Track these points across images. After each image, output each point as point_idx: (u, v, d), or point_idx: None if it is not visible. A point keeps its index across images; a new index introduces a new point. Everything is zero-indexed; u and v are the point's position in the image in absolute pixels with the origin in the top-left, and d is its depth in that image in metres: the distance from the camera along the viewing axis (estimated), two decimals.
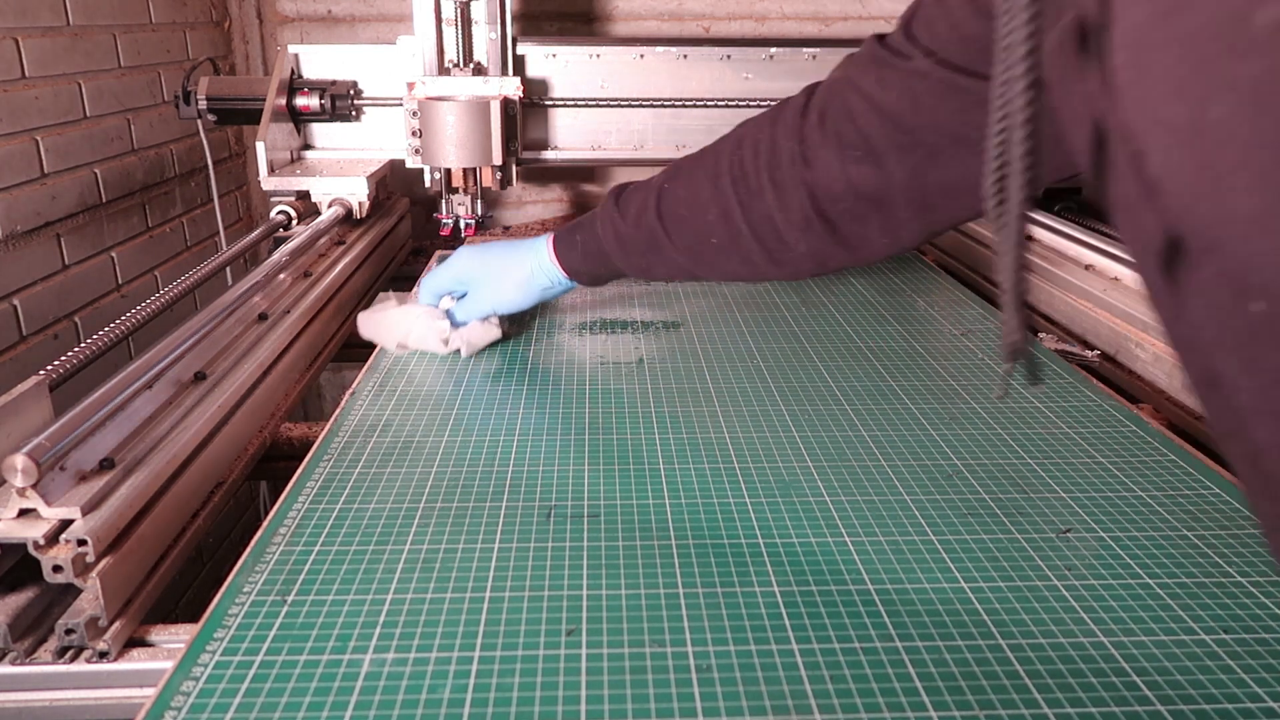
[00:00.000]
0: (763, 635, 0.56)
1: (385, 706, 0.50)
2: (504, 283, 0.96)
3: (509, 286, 0.96)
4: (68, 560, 0.58)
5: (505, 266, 0.96)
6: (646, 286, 1.29)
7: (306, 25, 1.85)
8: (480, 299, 0.98)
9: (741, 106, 1.62)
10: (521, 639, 0.56)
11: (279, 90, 1.49)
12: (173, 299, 0.94)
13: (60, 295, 1.30)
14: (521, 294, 0.96)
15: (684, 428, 0.84)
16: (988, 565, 0.63)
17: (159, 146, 1.57)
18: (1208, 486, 0.74)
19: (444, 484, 0.74)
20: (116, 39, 1.45)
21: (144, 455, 0.70)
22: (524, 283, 0.95)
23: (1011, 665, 0.54)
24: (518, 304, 0.98)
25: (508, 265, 0.96)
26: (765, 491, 0.73)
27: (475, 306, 0.99)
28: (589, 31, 1.85)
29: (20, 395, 0.65)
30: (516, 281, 0.96)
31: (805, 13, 1.87)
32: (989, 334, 1.09)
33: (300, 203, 1.38)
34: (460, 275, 0.99)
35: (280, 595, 0.60)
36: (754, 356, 1.02)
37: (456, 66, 1.51)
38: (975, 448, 0.81)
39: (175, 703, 0.50)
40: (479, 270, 0.97)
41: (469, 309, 0.99)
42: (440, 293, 1.01)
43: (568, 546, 0.65)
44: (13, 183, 1.21)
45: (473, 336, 0.99)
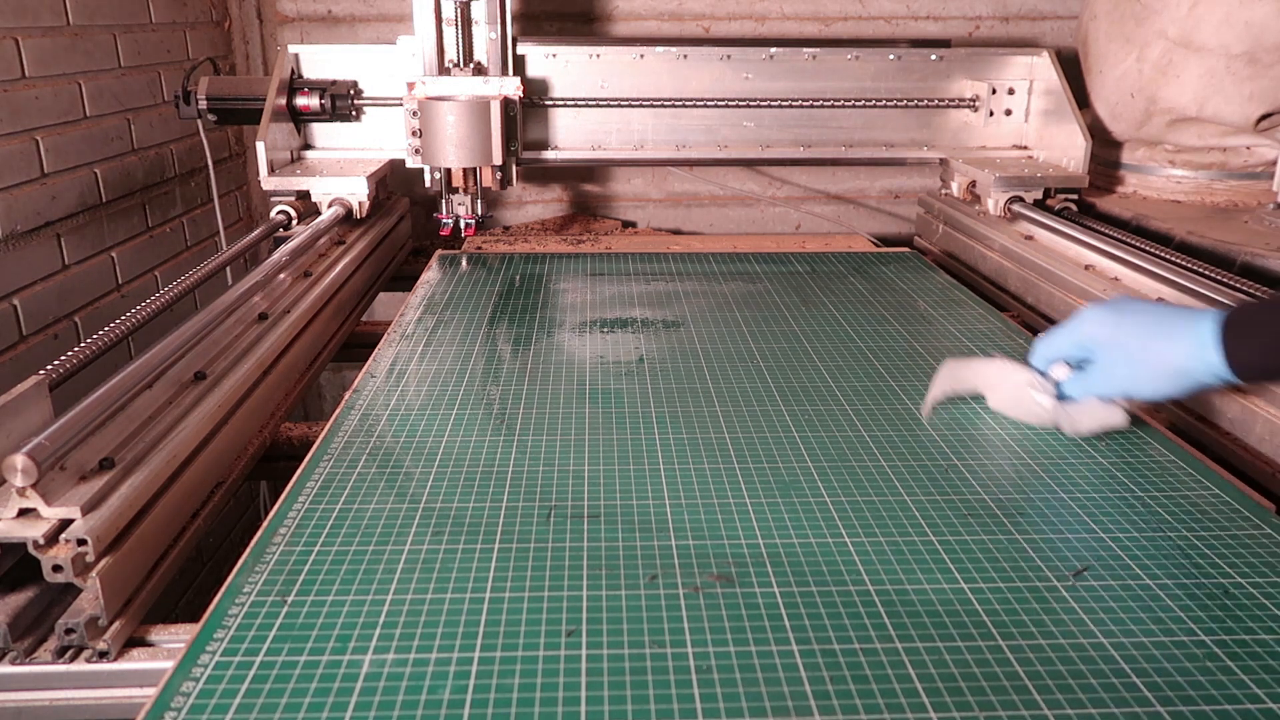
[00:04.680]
0: (763, 635, 0.56)
1: (385, 707, 0.50)
2: (1147, 366, 0.76)
3: (1152, 372, 0.76)
4: (68, 560, 0.58)
5: (1152, 344, 0.76)
6: (646, 286, 1.29)
7: (306, 25, 1.85)
8: (1109, 378, 0.80)
9: (741, 106, 1.62)
10: (521, 640, 0.56)
11: (279, 90, 1.49)
12: (173, 299, 0.94)
13: (60, 295, 1.30)
14: (1169, 384, 0.76)
15: (684, 428, 0.84)
16: (988, 565, 0.63)
17: (159, 146, 1.57)
18: (1208, 487, 0.74)
19: (444, 484, 0.74)
20: (116, 39, 1.45)
21: (144, 455, 0.70)
22: (1175, 372, 0.75)
23: (1011, 665, 0.54)
24: (1160, 394, 0.78)
25: (1156, 343, 0.76)
26: (765, 491, 0.73)
27: (1099, 384, 0.81)
28: (589, 31, 1.85)
29: (20, 395, 0.65)
30: (1164, 368, 0.75)
31: (805, 13, 1.87)
32: (990, 335, 1.09)
33: (300, 203, 1.38)
34: (1088, 342, 0.81)
35: (280, 595, 0.60)
36: (754, 356, 1.02)
37: (456, 66, 1.51)
38: (975, 448, 0.81)
39: (175, 703, 0.50)
40: (1114, 341, 0.78)
41: (1091, 385, 0.81)
42: (1056, 357, 0.84)
43: (568, 547, 0.65)
44: (13, 183, 1.21)
45: (1086, 420, 0.82)
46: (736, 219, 2.01)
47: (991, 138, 1.67)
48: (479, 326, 1.12)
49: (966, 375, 0.89)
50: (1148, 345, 0.76)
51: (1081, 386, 0.82)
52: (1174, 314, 0.77)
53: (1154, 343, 0.76)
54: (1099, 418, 0.81)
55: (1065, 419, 0.82)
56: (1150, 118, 1.50)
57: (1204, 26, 1.39)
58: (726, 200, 1.99)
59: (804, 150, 1.67)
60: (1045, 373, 0.84)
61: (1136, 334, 0.77)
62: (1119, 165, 1.61)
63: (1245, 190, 1.49)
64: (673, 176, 1.95)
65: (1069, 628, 0.57)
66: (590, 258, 1.45)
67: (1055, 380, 0.83)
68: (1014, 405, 0.85)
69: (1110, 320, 0.79)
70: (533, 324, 1.13)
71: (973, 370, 0.89)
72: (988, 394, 0.88)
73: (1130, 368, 0.77)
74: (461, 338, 1.08)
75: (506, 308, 1.20)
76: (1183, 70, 1.43)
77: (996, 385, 0.87)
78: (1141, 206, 1.49)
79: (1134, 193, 1.59)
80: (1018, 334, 1.09)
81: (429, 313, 1.16)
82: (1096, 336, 0.80)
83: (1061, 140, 1.54)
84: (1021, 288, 1.31)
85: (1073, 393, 0.82)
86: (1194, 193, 1.52)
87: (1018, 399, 0.84)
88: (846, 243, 1.61)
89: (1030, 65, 1.64)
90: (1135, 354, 0.77)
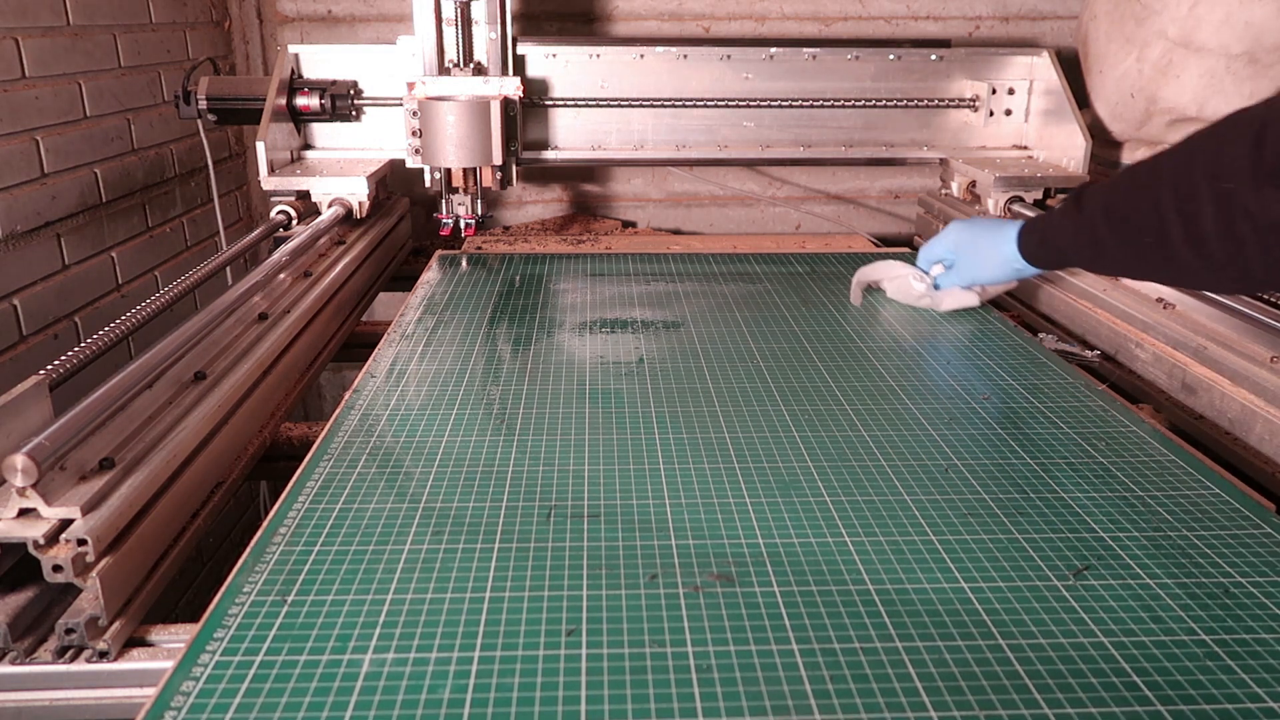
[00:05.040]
0: (763, 635, 0.56)
1: (385, 706, 0.50)
2: (985, 260, 1.07)
3: (989, 264, 1.07)
4: (68, 560, 0.58)
5: (987, 245, 1.06)
6: (646, 286, 1.29)
7: (306, 25, 1.85)
8: (963, 270, 1.12)
9: (741, 106, 1.62)
10: (521, 639, 0.56)
11: (279, 90, 1.49)
12: (173, 299, 0.94)
13: (60, 295, 1.30)
14: (1000, 271, 1.06)
15: (684, 428, 0.84)
16: (988, 565, 0.63)
17: (159, 146, 1.57)
18: (1208, 486, 0.74)
19: (444, 484, 0.74)
20: (116, 39, 1.45)
21: (144, 455, 0.70)
22: (1003, 262, 1.04)
23: (1011, 665, 0.54)
24: (995, 279, 1.10)
25: (990, 245, 1.05)
26: (765, 491, 0.73)
27: (958, 276, 1.13)
28: (589, 31, 1.85)
29: (20, 395, 0.65)
30: (995, 261, 1.05)
31: (805, 13, 1.87)
32: (990, 335, 1.09)
33: (300, 202, 1.38)
34: (951, 246, 1.13)
35: (280, 595, 0.60)
36: (754, 356, 1.02)
37: (456, 66, 1.51)
38: (975, 448, 0.81)
39: (175, 703, 0.50)
40: (968, 245, 1.10)
41: (953, 277, 1.14)
42: (934, 259, 1.17)
43: (568, 547, 0.65)
44: (13, 183, 1.21)
45: (948, 300, 1.15)
46: (736, 219, 2.01)
47: (991, 138, 1.67)
48: (479, 326, 1.12)
49: (873, 272, 1.22)
50: (985, 246, 1.07)
51: (948, 278, 1.15)
52: (1003, 224, 1.05)
53: (989, 244, 1.06)
54: (958, 299, 1.16)
55: (932, 300, 1.16)
56: (1150, 118, 1.50)
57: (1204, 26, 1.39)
58: (726, 200, 1.99)
59: (804, 150, 1.67)
60: (927, 271, 1.18)
61: (979, 239, 1.08)
62: (1119, 165, 1.61)
63: None
64: (673, 176, 1.95)
65: (1069, 627, 0.57)
66: (590, 258, 1.45)
67: (933, 276, 1.17)
68: (901, 293, 1.19)
69: (965, 230, 1.12)
70: (533, 324, 1.13)
71: (876, 269, 1.22)
72: (885, 286, 1.22)
73: (975, 261, 1.10)
74: (461, 338, 1.08)
75: (506, 308, 1.20)
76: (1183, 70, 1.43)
77: (891, 279, 1.20)
78: None
79: None
80: (1017, 334, 1.09)
81: (429, 313, 1.16)
82: (957, 241, 1.12)
83: (1061, 140, 1.54)
84: (1021, 287, 1.31)
85: (944, 283, 1.16)
86: None
87: (904, 288, 1.19)
88: (846, 243, 1.61)
89: (1030, 65, 1.64)
90: (979, 253, 1.09)
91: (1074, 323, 1.18)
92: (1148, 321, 1.04)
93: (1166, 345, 1.01)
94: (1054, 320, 1.22)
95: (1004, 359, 1.01)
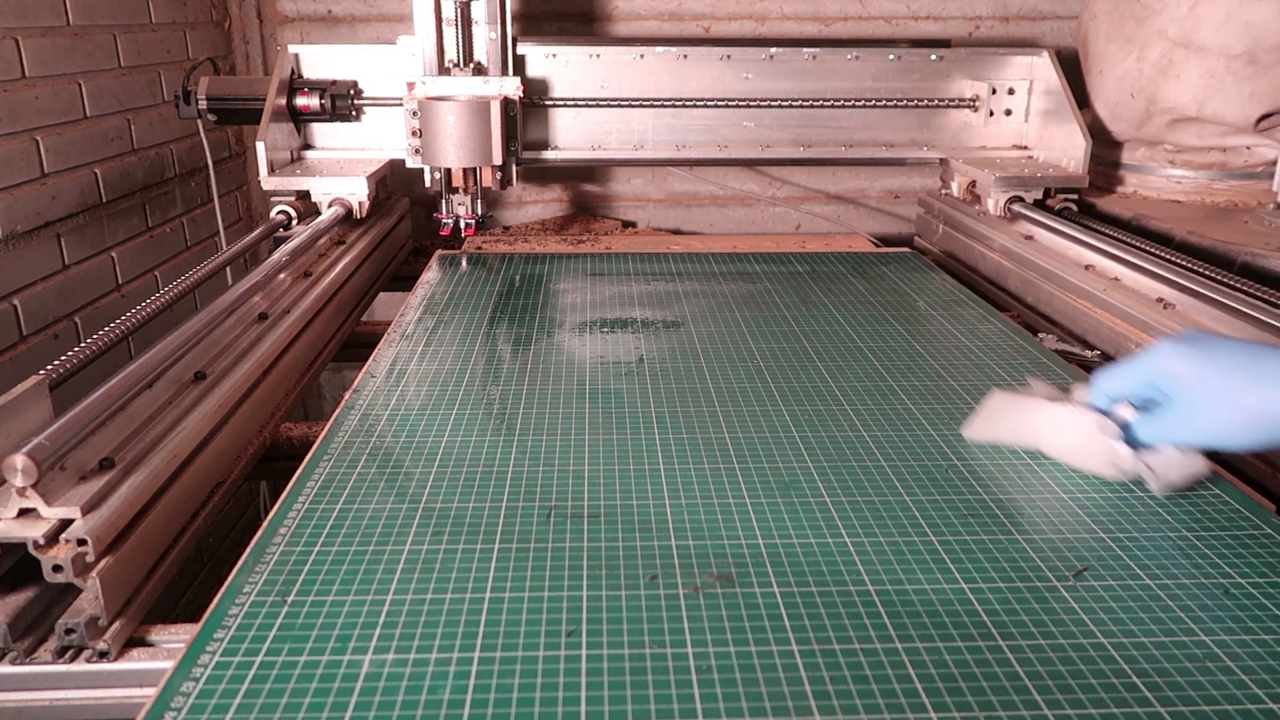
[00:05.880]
0: (763, 635, 0.56)
1: (385, 707, 0.50)
2: (1238, 410, 0.65)
3: (1245, 419, 0.65)
4: (68, 560, 0.58)
5: (1246, 385, 0.65)
6: (646, 286, 1.29)
7: (306, 25, 1.85)
8: (1191, 423, 0.68)
9: (741, 106, 1.62)
10: (521, 640, 0.56)
11: (279, 90, 1.49)
12: (173, 299, 0.94)
13: (60, 295, 1.30)
14: (1262, 434, 0.65)
15: (684, 428, 0.84)
16: (987, 565, 0.63)
17: (159, 146, 1.57)
18: (1208, 487, 0.74)
19: (444, 484, 0.74)
20: (116, 39, 1.45)
21: (144, 455, 0.70)
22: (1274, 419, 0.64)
23: (1011, 665, 0.54)
24: (1250, 444, 0.67)
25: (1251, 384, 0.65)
26: (765, 492, 0.73)
27: (1179, 430, 0.69)
28: (589, 31, 1.85)
29: (20, 395, 0.65)
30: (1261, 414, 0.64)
31: (805, 13, 1.87)
32: (990, 335, 1.09)
33: (300, 202, 1.38)
34: (1162, 381, 0.69)
35: (280, 595, 0.60)
36: (754, 356, 1.02)
37: (456, 66, 1.51)
38: (975, 448, 0.81)
39: (175, 703, 0.50)
40: (1197, 381, 0.67)
41: (1168, 431, 0.70)
42: (1120, 395, 0.73)
43: (568, 547, 0.65)
44: (13, 183, 1.21)
45: (1168, 470, 0.71)
46: (736, 219, 2.01)
47: (991, 138, 1.67)
48: (479, 326, 1.12)
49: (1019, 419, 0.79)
50: (1240, 386, 0.65)
51: (1156, 432, 0.71)
52: (1270, 352, 0.66)
53: (1248, 383, 0.64)
54: (1182, 470, 0.71)
55: (1147, 471, 0.71)
56: (1150, 118, 1.50)
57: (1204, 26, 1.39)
58: (726, 200, 1.99)
59: (804, 150, 1.67)
60: (1108, 413, 0.73)
61: (1226, 373, 0.65)
62: (1119, 165, 1.61)
63: (1245, 190, 1.49)
64: (673, 176, 1.95)
65: (1069, 628, 0.57)
66: (590, 258, 1.45)
67: (1121, 422, 0.72)
68: (1080, 455, 0.75)
69: (1193, 356, 0.67)
70: (533, 324, 1.13)
71: (1023, 412, 0.79)
72: (1044, 441, 0.77)
73: (1217, 412, 0.66)
74: (461, 338, 1.08)
75: (506, 308, 1.20)
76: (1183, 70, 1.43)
77: (1055, 431, 0.76)
78: (1141, 206, 1.49)
79: (1134, 193, 1.59)
80: (1017, 334, 1.09)
81: (429, 313, 1.16)
82: (1175, 374, 0.68)
83: (1061, 140, 1.54)
84: (1021, 288, 1.31)
85: (1145, 438, 0.71)
86: (1194, 193, 1.52)
87: (1085, 447, 0.74)
88: (846, 243, 1.61)
89: (1030, 65, 1.64)
90: (1223, 397, 0.65)
91: (1074, 323, 1.18)
92: (1148, 321, 1.04)
93: None
94: (1054, 320, 1.22)
95: (1004, 359, 1.01)
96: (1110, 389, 0.73)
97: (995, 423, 0.80)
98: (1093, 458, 0.74)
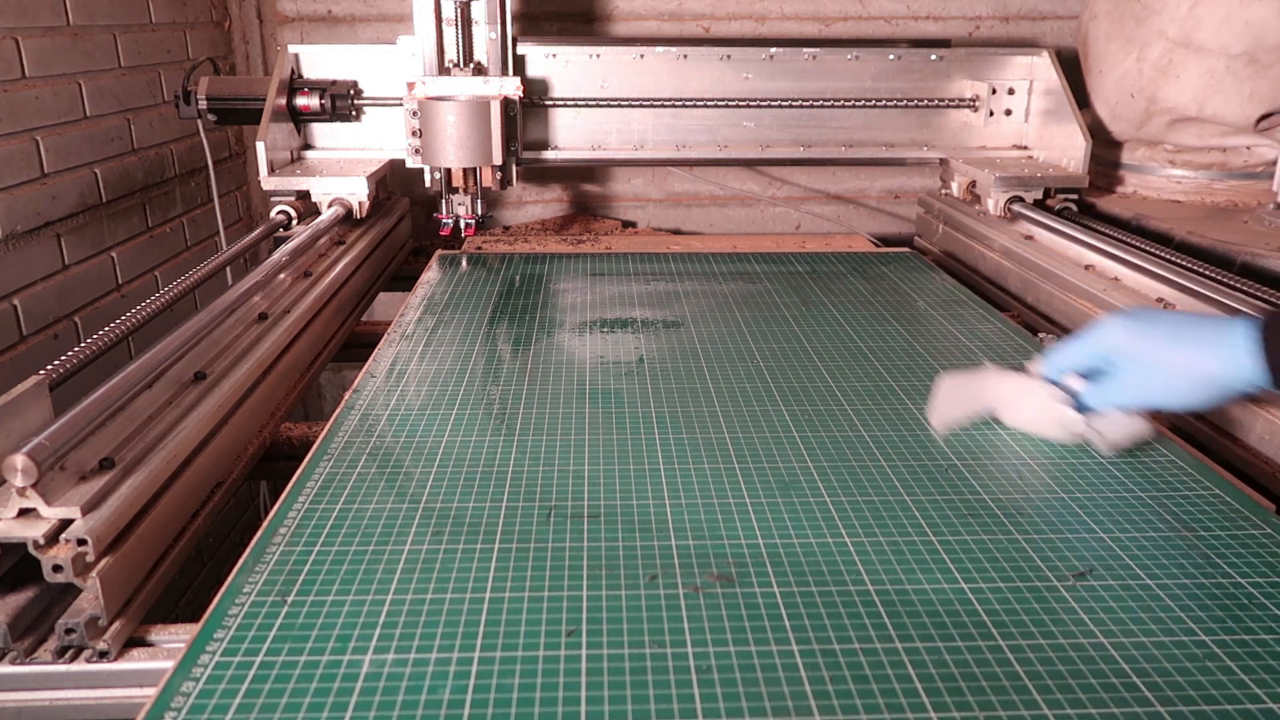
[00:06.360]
0: (763, 635, 0.56)
1: (385, 707, 0.50)
2: (1176, 374, 0.74)
3: (1182, 381, 0.73)
4: (68, 560, 0.58)
5: (1181, 351, 0.73)
6: (646, 286, 1.29)
7: (306, 25, 1.85)
8: (1134, 388, 0.76)
9: (741, 106, 1.62)
10: (521, 640, 0.56)
11: (279, 90, 1.49)
12: (173, 299, 0.94)
13: (60, 295, 1.30)
14: (1199, 394, 0.74)
15: (684, 428, 0.84)
16: (988, 565, 0.63)
17: (159, 146, 1.57)
18: (1208, 487, 0.74)
19: (444, 484, 0.74)
20: (116, 39, 1.45)
21: (144, 455, 0.70)
22: (1207, 381, 0.73)
23: (1011, 665, 0.54)
24: (1189, 404, 0.76)
25: (1185, 350, 0.73)
26: (765, 492, 0.73)
27: (1123, 395, 0.77)
28: (589, 31, 1.85)
29: (20, 395, 0.65)
30: (1194, 376, 0.73)
31: (805, 13, 1.87)
32: (990, 335, 1.09)
33: (300, 202, 1.38)
34: (1109, 352, 0.77)
35: (280, 595, 0.60)
36: (754, 356, 1.02)
37: (456, 66, 1.51)
38: (975, 448, 0.81)
39: (175, 703, 0.50)
40: (1139, 350, 0.76)
41: (1114, 396, 0.78)
42: (1070, 368, 0.80)
43: (568, 547, 0.65)
44: (13, 183, 1.21)
45: (1114, 432, 0.78)
46: (736, 219, 2.01)
47: (991, 138, 1.67)
48: (479, 326, 1.12)
49: (975, 393, 0.84)
50: (1176, 353, 0.73)
51: (1104, 397, 0.78)
52: (1202, 322, 0.75)
53: (1183, 350, 0.73)
54: (1128, 430, 0.78)
55: (1096, 435, 0.78)
56: (1150, 118, 1.50)
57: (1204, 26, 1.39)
58: (726, 200, 1.99)
59: (804, 150, 1.67)
60: (1059, 384, 0.80)
61: (1163, 342, 0.74)
62: (1119, 165, 1.61)
63: (1245, 190, 1.49)
64: (673, 176, 1.95)
65: (1069, 628, 0.57)
66: (590, 258, 1.45)
67: (1072, 392, 0.79)
68: (1036, 421, 0.81)
69: (1135, 329, 0.76)
70: (533, 324, 1.13)
71: (980, 386, 0.84)
72: (1003, 411, 0.84)
73: (1158, 377, 0.74)
74: (461, 338, 1.08)
75: (506, 308, 1.20)
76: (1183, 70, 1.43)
77: (1011, 401, 0.83)
78: (1141, 206, 1.49)
79: (1134, 193, 1.59)
80: (1017, 334, 1.09)
81: (429, 313, 1.16)
82: (1119, 346, 0.76)
83: (1061, 140, 1.54)
84: (1021, 288, 1.31)
85: (1094, 404, 0.79)
86: (1194, 193, 1.52)
87: (1040, 415, 0.80)
88: (846, 243, 1.61)
89: (1030, 65, 1.64)
90: (1163, 363, 0.74)
91: (1074, 323, 1.18)
92: None
93: None
94: (1054, 320, 1.22)
95: (1004, 359, 1.01)
96: (1061, 363, 0.80)
97: (955, 402, 0.85)
98: (1047, 424, 0.81)
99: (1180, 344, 0.74)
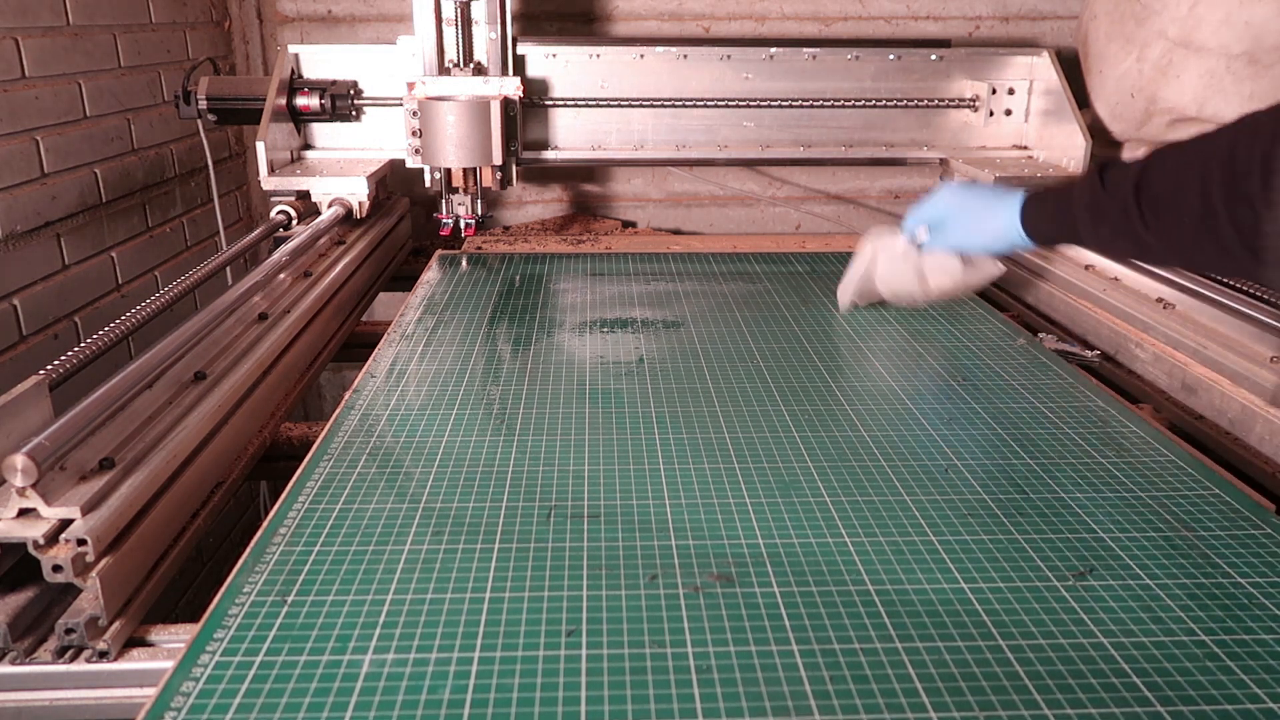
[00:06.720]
0: (763, 635, 0.56)
1: (385, 707, 0.50)
2: (977, 228, 1.00)
3: (981, 233, 1.00)
4: (68, 560, 0.58)
5: (982, 212, 0.99)
6: (646, 286, 1.29)
7: (306, 25, 1.85)
8: (952, 235, 1.04)
9: (741, 106, 1.62)
10: (521, 640, 0.56)
11: (279, 90, 1.49)
12: (173, 299, 0.94)
13: (60, 295, 1.30)
14: (992, 241, 1.00)
15: (684, 428, 0.84)
16: (988, 565, 0.63)
17: (159, 146, 1.57)
18: (1208, 487, 0.74)
19: (444, 484, 0.74)
20: (116, 39, 1.45)
21: (144, 455, 0.70)
22: (995, 234, 0.98)
23: (1011, 665, 0.54)
24: (986, 248, 1.03)
25: (984, 212, 0.99)
26: (765, 492, 0.73)
27: (945, 240, 1.06)
28: (589, 31, 1.85)
29: (20, 395, 0.65)
30: (988, 231, 0.98)
31: (805, 13, 1.87)
32: (990, 335, 1.09)
33: (300, 202, 1.38)
34: (941, 210, 1.05)
35: (280, 595, 0.60)
36: (754, 356, 1.02)
37: (456, 66, 1.51)
38: (975, 448, 0.81)
39: (175, 703, 0.50)
40: (961, 208, 1.03)
41: (940, 240, 1.06)
42: (922, 221, 1.07)
43: (568, 547, 0.65)
44: (13, 183, 1.21)
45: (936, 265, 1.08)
46: (736, 219, 2.01)
47: (991, 138, 1.67)
48: (479, 326, 1.12)
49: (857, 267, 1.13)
50: (980, 212, 1.00)
51: (935, 242, 1.07)
52: (998, 192, 1.00)
53: (983, 211, 0.99)
54: (943, 267, 1.08)
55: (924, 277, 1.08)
56: (1150, 118, 1.50)
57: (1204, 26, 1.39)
58: (726, 200, 1.99)
59: (804, 150, 1.67)
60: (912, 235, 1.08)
61: (974, 204, 1.01)
62: None
63: None
64: (673, 176, 1.95)
65: (1069, 628, 0.57)
66: (590, 258, 1.45)
67: (919, 241, 1.08)
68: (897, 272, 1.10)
69: (959, 193, 1.04)
70: (533, 324, 1.13)
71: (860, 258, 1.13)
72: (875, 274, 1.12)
73: (966, 228, 1.02)
74: (461, 338, 1.08)
75: (506, 308, 1.20)
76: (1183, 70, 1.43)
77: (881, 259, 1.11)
78: None
79: None
80: (1018, 334, 1.09)
81: (429, 313, 1.16)
82: (949, 203, 1.04)
83: (1061, 140, 1.54)
84: (1021, 288, 1.31)
85: (928, 246, 1.08)
86: None
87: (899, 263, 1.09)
88: (846, 243, 1.61)
89: (1030, 65, 1.64)
90: (972, 218, 1.01)
91: (1074, 323, 1.18)
92: (1148, 321, 1.04)
93: (1166, 345, 1.01)
94: (1054, 320, 1.22)
95: (1004, 359, 1.01)
96: (914, 218, 1.09)
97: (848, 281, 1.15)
98: (905, 273, 1.09)
99: (981, 207, 1.00)
